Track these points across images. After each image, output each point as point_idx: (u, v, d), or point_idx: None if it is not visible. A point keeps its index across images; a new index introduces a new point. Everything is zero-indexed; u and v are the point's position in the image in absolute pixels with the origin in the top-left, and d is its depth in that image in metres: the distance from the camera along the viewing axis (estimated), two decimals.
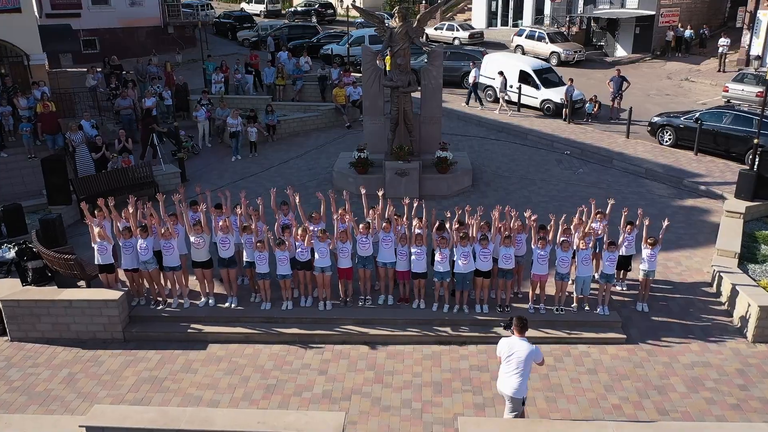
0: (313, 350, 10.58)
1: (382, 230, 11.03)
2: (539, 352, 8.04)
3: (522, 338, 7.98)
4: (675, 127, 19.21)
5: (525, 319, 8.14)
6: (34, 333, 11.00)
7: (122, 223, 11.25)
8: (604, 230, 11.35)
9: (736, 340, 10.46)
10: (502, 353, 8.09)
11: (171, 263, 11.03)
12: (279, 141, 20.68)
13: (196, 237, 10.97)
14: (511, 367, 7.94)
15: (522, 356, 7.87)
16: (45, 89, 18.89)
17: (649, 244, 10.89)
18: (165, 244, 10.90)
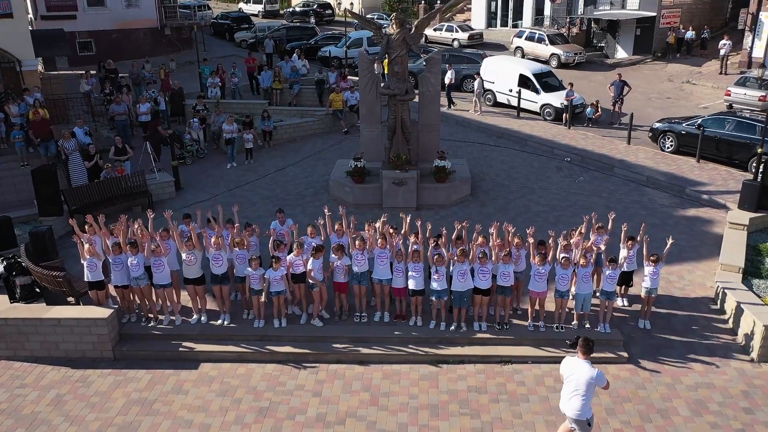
0: (307, 370, 10.33)
1: (377, 246, 10.76)
2: (603, 377, 7.75)
3: (585, 360, 7.75)
4: (677, 134, 18.93)
5: (591, 341, 7.89)
6: (23, 351, 10.76)
7: (112, 239, 10.99)
8: (606, 243, 11.11)
9: (741, 359, 10.22)
10: (563, 373, 7.93)
11: (161, 281, 10.78)
12: (275, 147, 20.40)
13: (187, 254, 10.71)
14: (570, 388, 7.78)
15: (581, 379, 7.68)
16: (38, 95, 18.62)
17: (652, 261, 10.64)
18: (155, 261, 10.64)
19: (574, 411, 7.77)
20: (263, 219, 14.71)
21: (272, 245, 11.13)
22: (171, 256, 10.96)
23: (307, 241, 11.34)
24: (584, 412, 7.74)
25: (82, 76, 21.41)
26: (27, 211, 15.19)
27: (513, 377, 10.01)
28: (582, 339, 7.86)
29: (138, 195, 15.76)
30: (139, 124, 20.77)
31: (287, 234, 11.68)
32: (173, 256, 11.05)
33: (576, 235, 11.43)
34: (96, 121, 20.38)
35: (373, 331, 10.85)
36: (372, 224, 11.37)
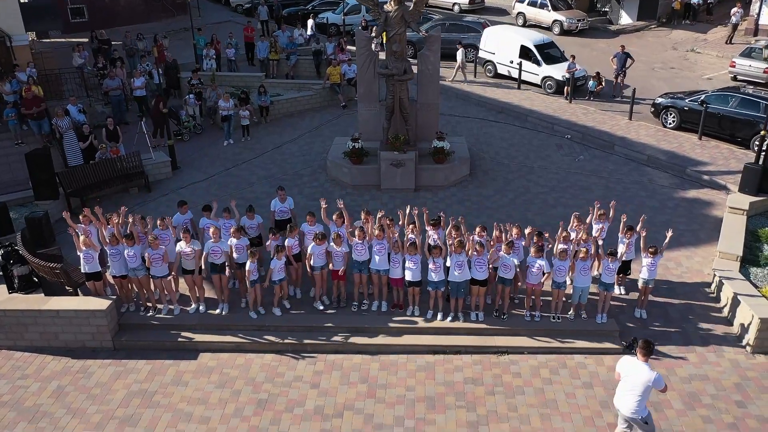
0: (306, 360, 10.43)
1: (374, 238, 10.71)
2: (661, 380, 7.80)
3: (645, 362, 7.79)
4: (679, 110, 18.66)
5: (652, 343, 7.92)
6: (23, 342, 10.84)
7: (108, 229, 10.93)
8: (601, 231, 11.17)
9: (735, 350, 10.30)
10: (621, 371, 7.98)
11: (159, 273, 10.77)
12: (272, 122, 20.14)
13: (186, 247, 10.67)
14: (627, 387, 7.86)
15: (640, 380, 7.75)
16: (31, 71, 18.26)
17: (650, 253, 10.61)
18: (153, 255, 10.59)
19: (629, 410, 7.86)
20: (261, 200, 14.67)
21: (270, 233, 11.12)
22: (169, 248, 10.92)
23: (307, 229, 11.35)
24: (639, 411, 7.84)
25: (74, 49, 20.94)
26: (22, 193, 15.05)
27: (509, 368, 10.10)
28: (643, 341, 7.87)
29: (134, 176, 15.62)
30: (134, 99, 20.47)
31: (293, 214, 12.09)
32: (170, 246, 11.01)
33: (575, 221, 11.35)
34: (90, 96, 20.01)
35: (371, 321, 10.91)
36: (369, 215, 11.28)
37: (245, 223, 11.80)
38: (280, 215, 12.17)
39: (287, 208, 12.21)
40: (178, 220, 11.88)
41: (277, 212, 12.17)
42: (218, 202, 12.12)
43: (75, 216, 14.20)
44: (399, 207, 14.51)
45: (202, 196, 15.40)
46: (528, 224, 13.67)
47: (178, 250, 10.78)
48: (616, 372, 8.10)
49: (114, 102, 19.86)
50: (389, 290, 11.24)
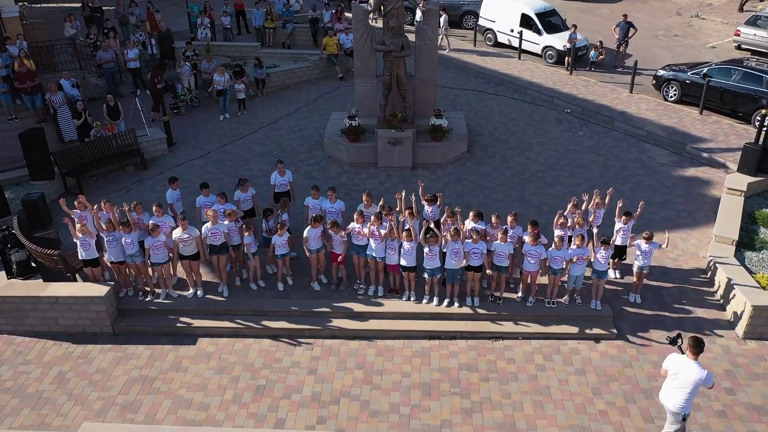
0: (303, 346, 10.57)
1: (372, 224, 10.71)
2: (710, 377, 7.84)
3: (695, 360, 7.83)
4: (681, 83, 18.40)
5: (702, 342, 7.88)
6: (23, 326, 10.97)
7: (103, 216, 10.93)
8: (595, 218, 11.23)
9: (727, 335, 10.43)
10: (668, 368, 8.04)
11: (159, 260, 10.81)
12: (268, 95, 19.89)
13: (184, 234, 10.69)
14: (676, 384, 7.93)
15: (690, 378, 7.81)
16: (22, 44, 17.92)
17: (645, 238, 10.63)
18: (154, 243, 10.60)
19: (675, 405, 7.93)
20: (257, 178, 14.65)
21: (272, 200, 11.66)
22: (166, 233, 10.93)
23: (311, 203, 11.66)
24: (685, 408, 7.93)
25: (66, 19, 20.49)
26: (18, 172, 14.96)
27: (503, 354, 10.25)
28: (693, 339, 7.85)
29: (130, 154, 15.51)
30: (128, 71, 20.16)
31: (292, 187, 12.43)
32: (168, 232, 11.01)
33: (572, 207, 11.33)
34: (83, 68, 19.69)
35: (368, 306, 11.00)
36: (370, 197, 11.46)
37: (239, 196, 12.00)
38: (280, 188, 12.43)
39: (287, 181, 12.48)
40: (171, 196, 12.05)
41: (278, 185, 12.43)
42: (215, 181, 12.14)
43: (71, 196, 14.27)
44: (396, 186, 14.64)
45: (198, 174, 15.37)
46: (526, 204, 13.84)
47: (176, 237, 10.80)
48: (663, 369, 8.15)
49: (108, 74, 19.56)
50: (385, 275, 11.31)
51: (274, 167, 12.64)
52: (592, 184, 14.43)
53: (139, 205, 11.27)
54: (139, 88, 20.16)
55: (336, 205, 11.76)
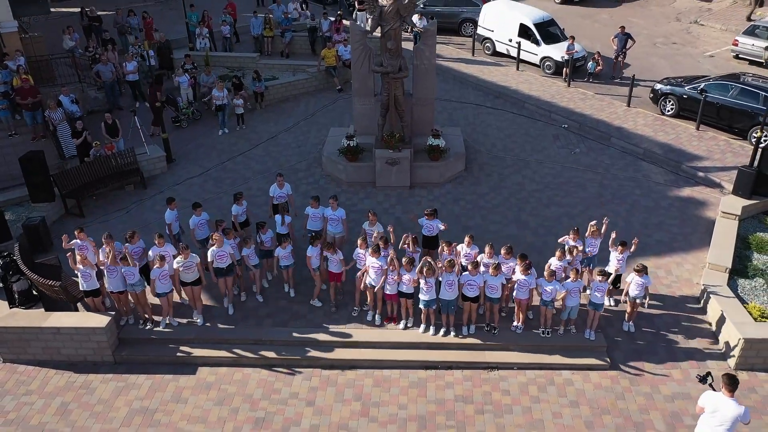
0: (301, 375, 10.73)
1: (371, 255, 10.85)
2: (747, 413, 7.99)
3: (732, 398, 7.95)
4: (678, 97, 18.47)
5: (736, 378, 8.02)
6: (26, 355, 11.13)
7: (103, 251, 11.04)
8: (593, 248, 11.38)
9: (719, 366, 10.57)
10: (705, 406, 8.15)
11: (165, 290, 10.96)
12: (267, 108, 19.94)
13: (186, 262, 10.89)
14: (715, 422, 8.05)
15: (728, 415, 7.93)
16: (21, 60, 17.96)
17: (636, 271, 10.77)
18: (159, 273, 10.76)
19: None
20: (256, 197, 14.79)
21: (271, 211, 12.40)
22: (169, 264, 11.08)
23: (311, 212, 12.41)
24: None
25: (65, 31, 20.50)
26: (18, 192, 15.03)
27: (498, 385, 10.41)
28: (728, 377, 7.98)
29: (129, 173, 15.60)
30: (126, 83, 20.21)
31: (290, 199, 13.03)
32: (170, 262, 11.16)
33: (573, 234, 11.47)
34: (82, 81, 19.74)
35: (365, 336, 11.15)
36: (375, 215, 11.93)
37: (236, 210, 12.52)
38: (278, 200, 12.96)
39: (285, 194, 13.00)
40: (169, 216, 12.33)
41: (276, 197, 12.97)
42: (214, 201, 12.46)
43: (72, 217, 14.42)
44: (394, 206, 14.81)
45: (197, 193, 15.48)
46: (522, 226, 13.97)
47: (178, 266, 10.96)
48: (699, 406, 8.25)
49: (107, 87, 19.63)
50: (383, 303, 11.45)
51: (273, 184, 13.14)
52: (588, 205, 14.68)
53: (136, 234, 11.40)
54: (138, 100, 20.23)
55: (337, 212, 12.29)
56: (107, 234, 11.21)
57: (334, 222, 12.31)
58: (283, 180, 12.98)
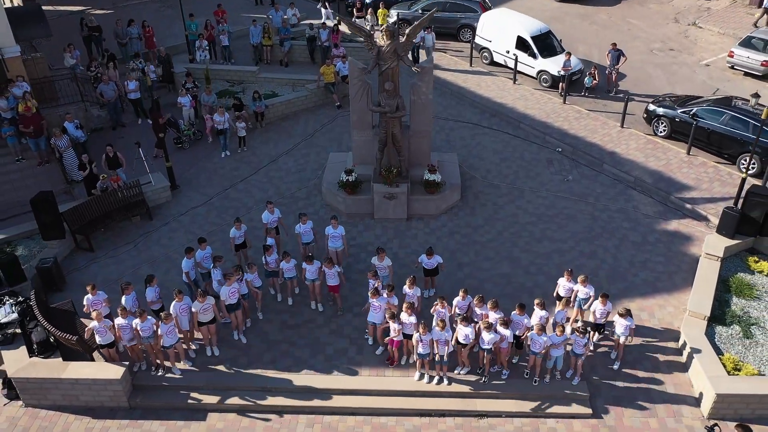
0: (305, 423, 11.51)
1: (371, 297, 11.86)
2: None
3: None
4: (670, 119, 18.85)
5: (749, 428, 9.01)
6: (46, 401, 11.89)
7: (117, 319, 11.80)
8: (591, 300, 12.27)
9: (693, 414, 11.34)
10: None
11: (172, 341, 11.68)
12: (268, 126, 20.29)
13: (204, 306, 11.85)
14: None
15: None
16: (25, 86, 18.24)
17: (620, 315, 11.53)
18: (167, 329, 11.48)
19: None
20: (258, 230, 15.25)
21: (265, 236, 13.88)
22: (182, 317, 11.93)
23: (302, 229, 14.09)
24: None
25: (65, 49, 20.66)
26: (29, 225, 15.54)
27: None
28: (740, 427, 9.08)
29: (135, 205, 16.11)
30: (129, 101, 20.52)
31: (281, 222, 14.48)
32: (185, 311, 11.99)
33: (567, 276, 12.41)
34: (84, 100, 20.02)
35: (364, 384, 11.90)
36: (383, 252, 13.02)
37: (234, 234, 13.77)
38: (271, 225, 14.26)
39: (276, 218, 14.36)
40: (187, 265, 13.06)
41: (270, 223, 14.23)
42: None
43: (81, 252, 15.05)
44: (392, 240, 15.37)
45: (201, 225, 16.07)
46: (514, 263, 14.59)
47: (195, 310, 11.89)
48: None
49: (110, 107, 19.96)
50: (385, 346, 12.20)
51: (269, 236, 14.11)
52: (578, 240, 15.27)
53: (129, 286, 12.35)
54: (141, 117, 20.58)
55: (338, 230, 13.83)
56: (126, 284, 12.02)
57: (335, 239, 13.74)
58: (273, 206, 14.36)
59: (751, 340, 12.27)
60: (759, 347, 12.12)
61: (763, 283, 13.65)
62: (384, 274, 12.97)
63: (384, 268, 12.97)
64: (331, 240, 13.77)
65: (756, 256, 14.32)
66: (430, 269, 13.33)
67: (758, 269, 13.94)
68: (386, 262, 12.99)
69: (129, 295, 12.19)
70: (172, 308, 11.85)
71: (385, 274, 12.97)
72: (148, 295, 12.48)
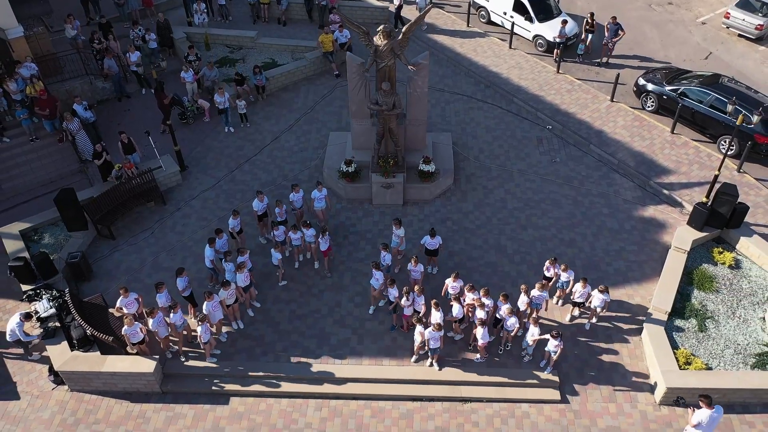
0: (314, 406, 13.39)
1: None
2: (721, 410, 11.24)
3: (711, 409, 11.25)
4: (658, 96, 19.52)
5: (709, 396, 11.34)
6: (89, 388, 13.71)
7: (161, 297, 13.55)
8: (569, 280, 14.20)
9: (646, 400, 13.20)
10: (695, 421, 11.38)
11: (208, 337, 13.39)
12: (269, 98, 20.90)
13: (229, 292, 13.76)
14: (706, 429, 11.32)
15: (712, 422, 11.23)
16: (33, 67, 18.69)
17: (600, 291, 13.45)
18: (203, 330, 13.15)
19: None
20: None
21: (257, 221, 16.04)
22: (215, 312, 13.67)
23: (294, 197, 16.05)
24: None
25: (66, 20, 20.78)
26: (52, 213, 16.68)
27: (470, 417, 13.11)
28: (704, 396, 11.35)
29: (150, 192, 17.22)
30: (132, 73, 20.97)
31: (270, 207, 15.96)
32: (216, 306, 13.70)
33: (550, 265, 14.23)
34: (88, 72, 20.47)
35: (365, 373, 13.69)
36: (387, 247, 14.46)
37: (232, 224, 15.36)
38: (260, 211, 15.84)
39: (265, 204, 15.82)
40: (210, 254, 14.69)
41: (259, 210, 15.79)
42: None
43: (104, 240, 16.38)
44: (389, 227, 16.65)
45: (212, 210, 17.29)
46: (501, 252, 15.99)
47: (223, 297, 13.62)
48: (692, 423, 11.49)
49: (114, 79, 20.47)
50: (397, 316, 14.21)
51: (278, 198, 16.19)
52: (560, 227, 16.56)
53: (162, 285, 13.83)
54: (144, 87, 21.13)
55: (322, 193, 15.78)
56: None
57: (319, 200, 15.87)
58: (263, 195, 15.76)
59: (704, 333, 13.93)
60: (710, 341, 13.80)
61: (724, 275, 15.13)
62: (396, 241, 14.96)
63: (398, 236, 14.90)
64: (317, 201, 15.86)
65: (720, 247, 15.69)
66: (432, 249, 14.90)
67: (721, 261, 15.36)
68: (401, 232, 14.93)
69: (162, 293, 13.67)
70: (205, 307, 13.40)
71: (397, 242, 15.00)
72: (180, 285, 14.00)
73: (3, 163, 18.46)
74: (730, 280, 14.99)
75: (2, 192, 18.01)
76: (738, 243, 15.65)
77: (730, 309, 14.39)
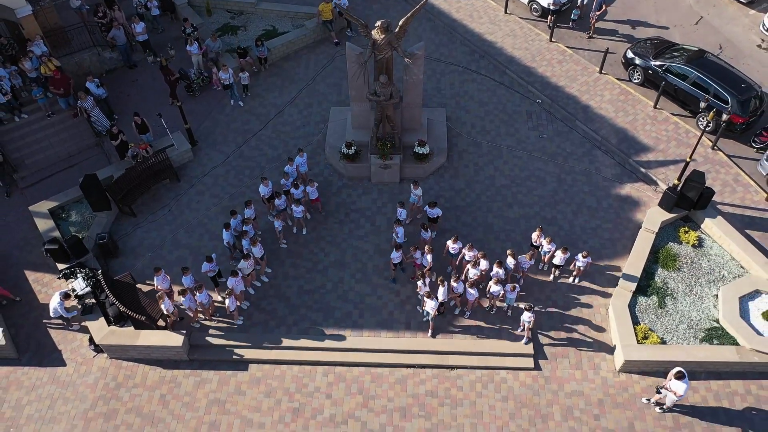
0: (321, 372, 15.53)
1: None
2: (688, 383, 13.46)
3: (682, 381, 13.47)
4: (644, 69, 20.38)
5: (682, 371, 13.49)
6: (126, 356, 15.80)
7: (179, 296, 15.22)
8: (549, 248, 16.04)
9: (608, 367, 15.32)
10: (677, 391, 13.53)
11: (234, 305, 15.49)
12: (271, 69, 21.69)
13: (248, 263, 15.74)
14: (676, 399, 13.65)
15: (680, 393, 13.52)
16: (42, 46, 19.38)
17: (583, 256, 15.64)
18: (231, 303, 15.15)
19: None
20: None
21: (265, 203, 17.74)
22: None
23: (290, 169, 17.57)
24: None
25: None
26: (76, 191, 18.09)
27: (456, 382, 15.28)
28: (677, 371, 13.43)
29: (165, 170, 18.56)
30: (137, 43, 21.62)
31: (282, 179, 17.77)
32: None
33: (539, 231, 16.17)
34: (95, 43, 21.11)
35: (366, 344, 15.73)
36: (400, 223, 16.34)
37: (263, 191, 17.16)
38: (267, 195, 17.32)
39: (270, 189, 17.29)
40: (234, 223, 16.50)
41: (266, 194, 17.32)
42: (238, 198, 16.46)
43: (126, 217, 17.89)
44: (386, 204, 18.20)
45: (223, 187, 18.75)
46: (488, 229, 17.64)
47: (244, 266, 15.66)
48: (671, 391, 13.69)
49: (121, 49, 21.18)
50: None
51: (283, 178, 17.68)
52: (543, 205, 18.09)
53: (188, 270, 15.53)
54: (150, 56, 21.84)
55: (302, 158, 17.67)
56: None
57: (302, 165, 17.75)
58: (267, 180, 17.17)
59: (662, 309, 15.85)
60: (668, 317, 15.74)
61: (687, 253, 16.85)
62: (414, 198, 17.02)
63: (416, 195, 16.96)
64: (301, 166, 17.77)
65: (687, 226, 17.30)
66: (432, 218, 16.70)
67: (686, 240, 17.02)
68: (419, 191, 17.00)
69: (188, 276, 15.46)
70: (229, 282, 15.33)
71: (415, 199, 17.03)
72: (204, 267, 15.76)
73: (23, 139, 19.64)
74: (692, 259, 16.73)
75: (26, 167, 19.33)
76: (703, 223, 17.25)
77: (689, 286, 16.24)
